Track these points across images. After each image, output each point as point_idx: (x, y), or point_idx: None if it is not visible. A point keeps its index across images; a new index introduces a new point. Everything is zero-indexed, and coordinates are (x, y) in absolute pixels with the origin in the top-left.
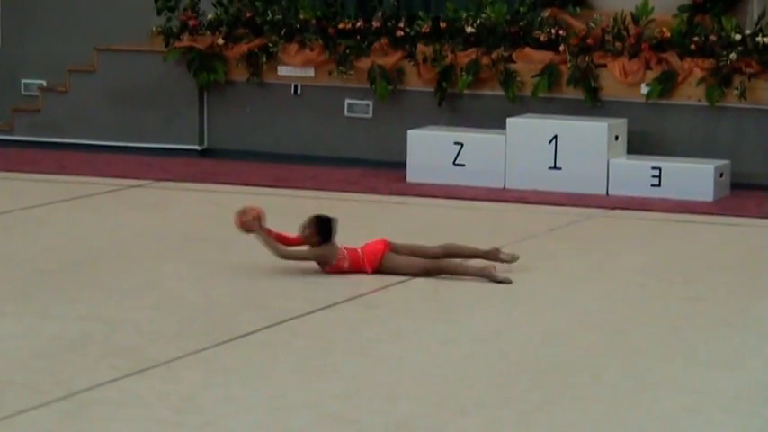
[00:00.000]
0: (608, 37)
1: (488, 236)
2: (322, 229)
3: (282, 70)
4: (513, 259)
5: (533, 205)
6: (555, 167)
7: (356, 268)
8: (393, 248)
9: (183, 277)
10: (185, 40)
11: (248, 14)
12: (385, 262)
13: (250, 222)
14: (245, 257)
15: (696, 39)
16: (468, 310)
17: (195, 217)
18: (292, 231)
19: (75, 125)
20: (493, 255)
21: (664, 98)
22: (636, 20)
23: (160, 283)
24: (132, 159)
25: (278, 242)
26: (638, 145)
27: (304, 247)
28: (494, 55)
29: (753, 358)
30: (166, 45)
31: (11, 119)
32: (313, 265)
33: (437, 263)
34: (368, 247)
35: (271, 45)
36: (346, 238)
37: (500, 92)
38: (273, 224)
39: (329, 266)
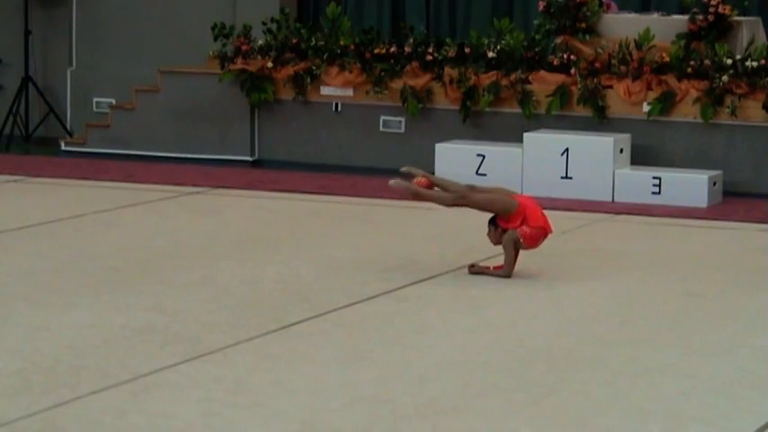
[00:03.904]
0: (614, 61)
1: None
2: (493, 225)
3: (324, 90)
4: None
5: (547, 210)
6: (566, 177)
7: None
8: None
9: (236, 273)
10: (239, 63)
11: (294, 41)
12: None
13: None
14: (292, 256)
15: (692, 63)
16: (488, 303)
17: (247, 220)
18: (333, 229)
19: (140, 139)
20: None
21: (663, 116)
22: (639, 46)
23: (215, 279)
24: (191, 169)
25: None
26: (640, 157)
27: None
28: (512, 77)
29: (742, 347)
30: (222, 68)
31: (84, 133)
32: (351, 259)
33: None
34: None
35: (314, 68)
36: (382, 239)
37: (518, 110)
38: (313, 225)
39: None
